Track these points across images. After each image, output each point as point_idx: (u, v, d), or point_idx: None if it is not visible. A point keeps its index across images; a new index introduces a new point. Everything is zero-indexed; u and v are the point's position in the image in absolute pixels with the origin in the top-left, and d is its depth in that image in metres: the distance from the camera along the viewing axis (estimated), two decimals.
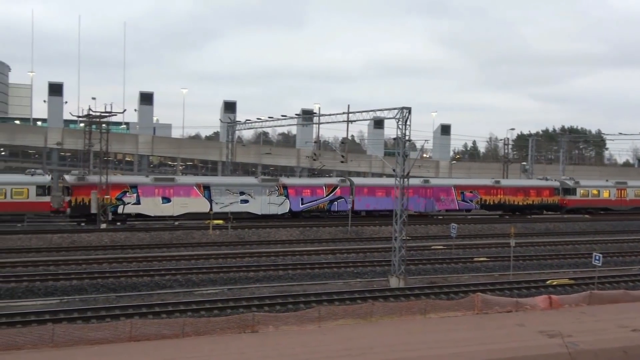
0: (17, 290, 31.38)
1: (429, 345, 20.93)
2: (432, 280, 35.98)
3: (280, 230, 53.16)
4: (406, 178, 36.03)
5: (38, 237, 46.59)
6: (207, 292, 32.37)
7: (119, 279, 34.21)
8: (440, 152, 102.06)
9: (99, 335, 21.76)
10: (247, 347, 21.10)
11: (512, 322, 24.42)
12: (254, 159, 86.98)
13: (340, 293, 31.44)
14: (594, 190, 73.78)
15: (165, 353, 20.22)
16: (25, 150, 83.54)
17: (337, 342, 21.45)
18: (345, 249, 45.60)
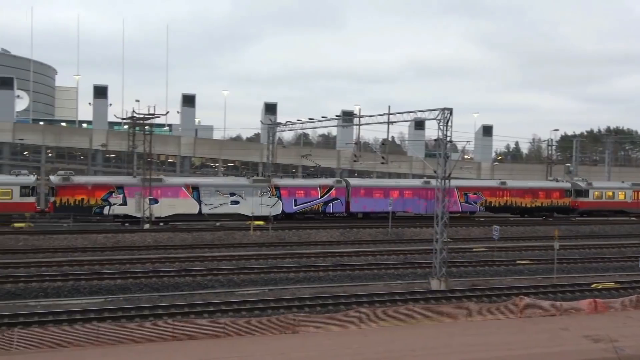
0: (63, 289, 31.89)
1: (470, 349, 20.69)
2: (474, 283, 35.53)
3: (320, 231, 53.17)
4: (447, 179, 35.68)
5: (84, 237, 47.38)
6: (248, 292, 32.39)
7: (162, 278, 34.54)
8: (482, 154, 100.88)
9: (142, 334, 22.02)
10: (287, 347, 21.13)
11: (556, 326, 24.00)
12: (294, 160, 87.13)
13: (381, 295, 31.21)
14: (608, 192, 71.13)
15: (207, 352, 20.36)
16: (71, 151, 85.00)
17: (378, 343, 21.35)
18: (385, 250, 45.32)
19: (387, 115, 48.14)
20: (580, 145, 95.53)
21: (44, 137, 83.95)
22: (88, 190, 54.75)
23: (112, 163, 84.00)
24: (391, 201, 57.18)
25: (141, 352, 20.40)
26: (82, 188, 54.75)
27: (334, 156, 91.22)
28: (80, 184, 55.05)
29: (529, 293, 31.15)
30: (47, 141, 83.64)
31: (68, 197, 54.15)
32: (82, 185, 54.98)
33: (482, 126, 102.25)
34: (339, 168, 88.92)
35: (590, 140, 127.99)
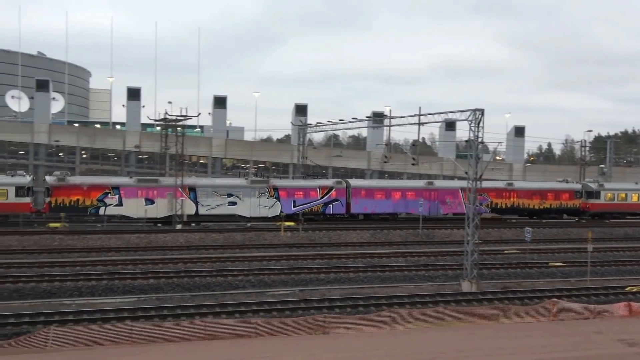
0: (97, 288, 32.35)
1: (502, 351, 20.54)
2: (505, 285, 35.24)
3: (350, 232, 53.13)
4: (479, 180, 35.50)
5: (117, 237, 47.95)
6: (278, 293, 32.53)
7: (194, 278, 34.84)
8: (514, 155, 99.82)
9: (174, 333, 22.25)
10: (317, 348, 21.19)
11: (589, 330, 23.71)
12: (324, 162, 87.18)
13: (411, 296, 31.14)
14: (621, 193, 69.09)
15: (238, 352, 20.50)
16: (105, 152, 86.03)
17: (408, 345, 21.30)
18: (416, 252, 45.20)
19: (418, 116, 48.03)
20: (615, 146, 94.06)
21: (78, 139, 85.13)
22: (84, 190, 54.94)
23: (145, 164, 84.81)
24: (401, 202, 59.36)
25: (173, 351, 20.62)
26: (78, 188, 54.97)
27: (365, 157, 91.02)
28: (76, 185, 55.30)
29: (562, 296, 30.80)
30: (81, 142, 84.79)
31: (63, 197, 54.42)
32: (77, 185, 55.23)
33: (514, 127, 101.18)
34: (369, 169, 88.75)
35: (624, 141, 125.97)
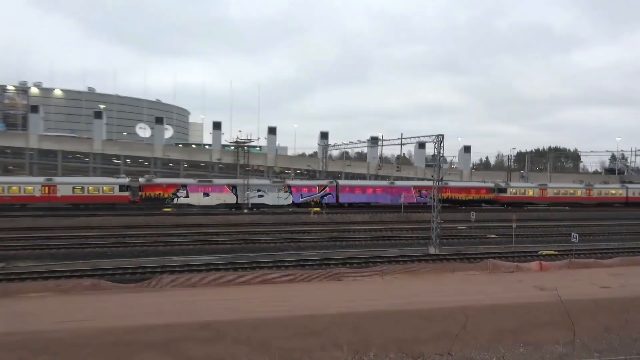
0: (193, 250, 32.68)
1: (456, 292, 20.35)
2: (458, 250, 34.93)
3: (357, 215, 52.93)
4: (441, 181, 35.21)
5: (207, 217, 48.32)
6: (309, 254, 32.61)
7: (255, 244, 35.01)
8: (463, 164, 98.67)
9: (243, 280, 22.39)
10: (335, 288, 21.19)
11: (514, 279, 23.37)
12: (339, 169, 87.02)
13: (396, 257, 31.01)
14: (521, 189, 67.99)
15: (283, 291, 20.57)
16: (198, 163, 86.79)
17: (395, 289, 21.19)
18: (400, 227, 44.94)
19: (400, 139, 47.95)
20: (530, 159, 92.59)
21: (181, 154, 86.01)
22: (163, 187, 55.13)
23: (224, 172, 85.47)
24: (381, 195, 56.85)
25: (243, 290, 20.76)
26: (159, 186, 55.18)
27: (365, 166, 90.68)
28: (158, 184, 55.46)
29: (495, 257, 30.39)
30: (183, 157, 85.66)
31: (150, 192, 54.59)
32: (159, 184, 55.42)
33: (463, 146, 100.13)
34: (368, 174, 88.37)
35: (537, 155, 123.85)
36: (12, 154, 79.26)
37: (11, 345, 13.50)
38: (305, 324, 15.09)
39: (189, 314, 16.22)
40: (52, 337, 14.02)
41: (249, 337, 14.33)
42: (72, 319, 15.64)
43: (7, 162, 79.23)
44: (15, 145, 78.92)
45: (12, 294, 19.67)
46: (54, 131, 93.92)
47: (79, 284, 21.07)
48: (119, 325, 14.94)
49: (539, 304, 17.56)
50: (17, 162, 79.14)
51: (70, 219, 44.88)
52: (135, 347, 13.93)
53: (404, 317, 16.04)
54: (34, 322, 15.31)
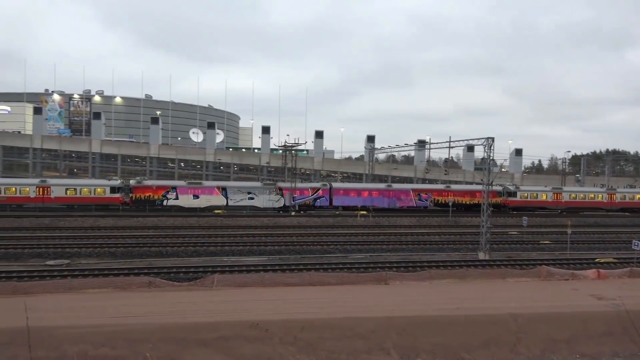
0: (243, 251, 33.28)
1: (507, 300, 19.59)
2: (509, 256, 33.69)
3: (403, 218, 52.25)
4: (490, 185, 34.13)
5: (255, 218, 49.14)
6: (356, 257, 32.49)
7: (302, 246, 35.19)
8: (514, 168, 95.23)
9: (291, 281, 22.49)
10: (382, 292, 20.94)
11: (568, 287, 22.22)
12: (385, 172, 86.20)
13: (444, 261, 30.33)
14: (533, 193, 62.68)
15: (331, 293, 20.53)
16: (248, 167, 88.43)
17: (443, 294, 20.68)
18: (447, 232, 43.95)
19: (449, 142, 46.94)
20: (586, 162, 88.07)
21: (232, 158, 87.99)
22: (153, 189, 54.89)
23: (272, 175, 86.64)
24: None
25: (290, 291, 20.88)
26: (149, 188, 55.01)
27: (412, 170, 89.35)
28: (148, 186, 55.44)
29: (549, 264, 29.11)
30: (234, 160, 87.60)
31: (140, 194, 54.41)
32: (149, 186, 55.30)
33: (514, 149, 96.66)
34: (415, 177, 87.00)
35: (593, 159, 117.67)
36: (77, 157, 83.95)
37: (74, 337, 14.24)
38: (351, 327, 15.00)
39: (239, 313, 16.51)
40: (111, 331, 14.67)
41: (296, 338, 14.41)
42: (129, 314, 16.31)
43: (73, 165, 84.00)
44: (79, 150, 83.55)
45: (76, 289, 20.75)
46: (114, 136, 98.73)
47: (136, 282, 21.93)
48: (172, 322, 15.43)
49: (596, 313, 16.61)
50: (81, 166, 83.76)
51: (128, 219, 46.92)
52: (187, 344, 14.33)
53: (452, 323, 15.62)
54: (95, 317, 16.08)
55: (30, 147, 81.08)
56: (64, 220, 45.52)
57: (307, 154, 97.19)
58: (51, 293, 19.96)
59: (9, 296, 19.38)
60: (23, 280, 23.00)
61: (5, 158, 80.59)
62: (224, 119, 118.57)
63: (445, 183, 65.18)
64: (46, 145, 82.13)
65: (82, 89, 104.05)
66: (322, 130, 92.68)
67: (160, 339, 14.44)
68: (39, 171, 79.81)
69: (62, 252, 31.42)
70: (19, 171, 78.93)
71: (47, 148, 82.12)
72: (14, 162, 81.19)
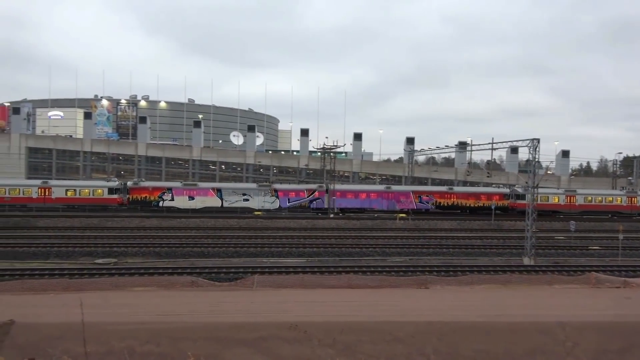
0: (282, 253, 33.64)
1: (554, 307, 18.86)
2: (555, 261, 32.44)
3: (444, 222, 51.32)
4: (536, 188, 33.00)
5: (294, 220, 49.54)
6: (395, 260, 32.17)
7: (341, 248, 35.22)
8: (560, 170, 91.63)
9: (329, 283, 22.56)
10: (421, 296, 20.63)
11: (620, 295, 21.15)
12: (425, 174, 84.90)
13: (486, 266, 29.51)
14: (544, 196, 58.26)
15: (369, 297, 20.41)
16: (287, 169, 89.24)
17: (485, 299, 20.16)
18: (489, 236, 42.82)
19: (491, 144, 45.84)
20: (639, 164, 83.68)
21: (271, 160, 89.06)
22: (149, 191, 55.66)
23: (311, 177, 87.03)
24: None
25: (329, 293, 20.90)
26: (146, 189, 55.82)
27: (453, 172, 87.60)
28: (145, 187, 56.20)
29: (599, 270, 27.81)
30: (273, 162, 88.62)
31: (137, 195, 55.29)
32: (146, 187, 56.11)
33: (561, 150, 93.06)
34: (456, 179, 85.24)
35: None
36: (124, 160, 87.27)
37: (122, 333, 14.78)
38: (390, 330, 14.85)
39: (278, 313, 16.67)
40: (156, 329, 15.13)
41: (335, 340, 14.40)
42: (173, 312, 16.78)
43: (120, 167, 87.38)
44: (126, 153, 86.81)
45: (123, 287, 21.56)
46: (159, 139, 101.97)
47: (179, 281, 22.56)
48: (213, 322, 15.76)
49: None
50: (127, 168, 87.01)
51: (171, 220, 48.32)
52: (227, 343, 14.59)
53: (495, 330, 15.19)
54: (141, 314, 16.64)
55: (80, 150, 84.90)
56: (111, 220, 47.38)
57: (346, 156, 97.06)
58: (100, 290, 20.83)
59: (61, 292, 20.36)
60: (74, 278, 24.09)
61: (58, 160, 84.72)
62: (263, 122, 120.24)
63: (449, 186, 64.24)
64: (95, 148, 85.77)
65: (128, 94, 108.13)
66: (361, 133, 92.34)
67: (202, 337, 14.78)
68: (88, 173, 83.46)
69: (110, 251, 32.75)
70: (70, 173, 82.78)
71: (96, 151, 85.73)
72: (66, 164, 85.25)
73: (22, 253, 31.61)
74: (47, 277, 24.48)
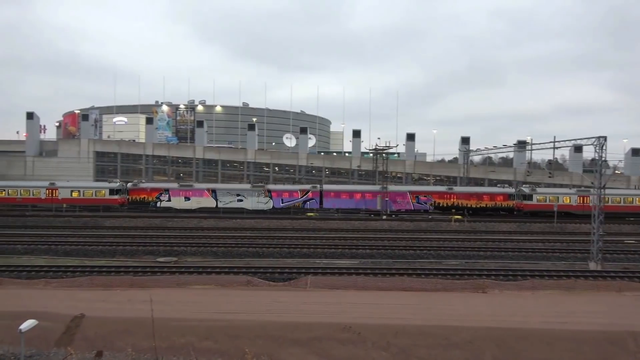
0: (334, 254, 33.58)
1: (624, 316, 17.70)
2: (625, 267, 30.39)
3: (502, 224, 49.44)
4: (603, 189, 31.10)
5: (346, 222, 49.45)
6: (450, 263, 31.34)
7: (394, 250, 34.73)
8: (630, 169, 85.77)
9: (383, 285, 22.38)
10: (478, 301, 20.01)
11: None
12: (481, 175, 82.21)
13: (549, 270, 28.13)
14: (553, 196, 54.72)
15: (424, 300, 20.05)
16: (339, 170, 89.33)
17: (547, 306, 19.24)
18: (552, 239, 40.78)
19: (553, 142, 43.75)
20: None
21: (323, 162, 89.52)
22: (147, 192, 57.55)
23: (363, 178, 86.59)
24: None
25: (383, 295, 20.75)
26: (144, 190, 57.75)
27: (511, 172, 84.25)
28: (143, 188, 58.09)
29: None
30: (325, 164, 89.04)
31: (136, 195, 57.54)
32: (144, 188, 57.98)
33: (631, 149, 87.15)
34: (515, 180, 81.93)
35: None
36: (183, 163, 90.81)
37: (182, 330, 15.39)
38: (446, 335, 14.53)
39: (331, 314, 16.73)
40: (214, 326, 15.61)
41: (389, 343, 14.28)
42: (230, 310, 17.25)
43: (179, 170, 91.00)
44: (185, 156, 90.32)
45: (183, 285, 22.42)
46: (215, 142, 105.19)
47: (236, 280, 23.15)
48: (268, 320, 16.06)
49: None
50: (186, 170, 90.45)
51: (227, 220, 49.69)
52: (283, 342, 14.82)
53: (558, 338, 14.47)
54: (200, 311, 17.24)
55: (143, 153, 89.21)
56: (171, 220, 49.41)
57: (398, 157, 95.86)
58: (162, 287, 21.77)
59: (127, 289, 21.47)
60: (138, 275, 25.31)
61: (123, 164, 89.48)
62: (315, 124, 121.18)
63: (449, 186, 62.01)
64: (156, 152, 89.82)
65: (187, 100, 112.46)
66: (414, 133, 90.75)
67: (257, 335, 15.10)
68: (150, 176, 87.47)
69: (170, 250, 34.15)
70: (134, 176, 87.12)
71: (157, 154, 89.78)
72: (130, 167, 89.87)
73: (90, 251, 33.63)
74: (114, 274, 25.90)
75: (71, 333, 15.35)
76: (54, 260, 30.89)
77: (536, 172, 75.36)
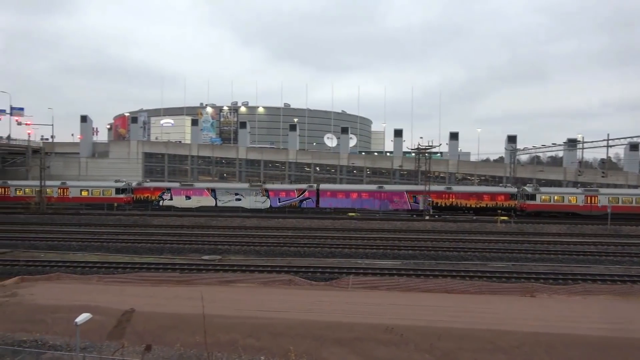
0: (376, 254, 33.40)
1: None
2: None
3: (551, 225, 47.61)
4: None
5: (388, 222, 49.06)
6: (496, 265, 30.47)
7: (437, 252, 34.15)
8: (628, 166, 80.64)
9: (425, 287, 22.04)
10: (526, 305, 19.35)
11: None
12: (529, 175, 79.42)
13: (602, 275, 26.85)
14: (558, 196, 52.08)
15: (469, 303, 19.57)
16: (380, 170, 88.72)
17: (601, 312, 18.36)
18: (605, 242, 38.87)
19: (606, 140, 41.70)
20: None
21: (364, 161, 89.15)
22: (151, 191, 59.83)
23: (405, 178, 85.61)
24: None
25: (425, 297, 20.45)
26: (148, 189, 60.15)
27: (561, 172, 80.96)
28: (147, 187, 60.53)
29: None
30: (366, 164, 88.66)
31: (140, 194, 60.00)
32: (147, 188, 60.36)
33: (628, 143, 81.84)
34: (565, 180, 78.67)
35: None
36: (226, 163, 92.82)
37: (227, 327, 15.74)
38: (492, 339, 14.15)
39: (373, 315, 16.64)
40: (257, 324, 15.87)
41: (432, 346, 14.06)
42: (272, 309, 17.48)
43: (223, 170, 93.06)
44: (228, 156, 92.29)
45: (227, 283, 22.92)
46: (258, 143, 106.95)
47: (278, 279, 23.43)
48: (310, 320, 16.16)
49: None
50: (229, 171, 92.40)
51: (269, 220, 50.39)
52: (324, 341, 14.87)
53: (613, 346, 13.80)
54: (243, 309, 17.57)
55: (188, 154, 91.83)
56: (215, 220, 50.60)
57: (441, 156, 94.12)
58: (207, 285, 22.34)
59: (174, 285, 22.17)
60: (184, 272, 26.09)
61: (170, 164, 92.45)
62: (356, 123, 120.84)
63: (447, 185, 60.76)
64: (201, 152, 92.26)
65: (230, 101, 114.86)
66: (457, 132, 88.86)
67: (299, 334, 15.23)
68: (195, 176, 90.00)
69: (214, 248, 34.98)
70: (180, 176, 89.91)
71: (202, 155, 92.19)
72: (176, 167, 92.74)
73: (140, 248, 34.97)
74: (161, 270, 26.81)
75: (122, 327, 16.02)
76: (106, 256, 32.31)
77: (588, 172, 72.07)
